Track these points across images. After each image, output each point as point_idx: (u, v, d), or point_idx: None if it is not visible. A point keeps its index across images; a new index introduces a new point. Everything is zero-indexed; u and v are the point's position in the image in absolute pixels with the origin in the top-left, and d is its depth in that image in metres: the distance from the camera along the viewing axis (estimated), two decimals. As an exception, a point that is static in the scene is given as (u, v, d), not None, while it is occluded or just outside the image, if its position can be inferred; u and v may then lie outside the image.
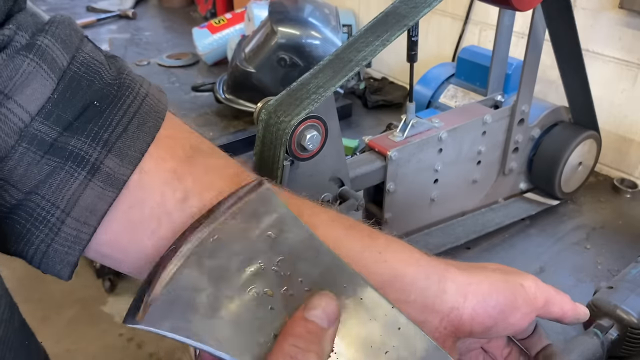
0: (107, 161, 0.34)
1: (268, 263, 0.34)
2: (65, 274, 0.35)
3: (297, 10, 1.19)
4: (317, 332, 0.32)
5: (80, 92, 0.34)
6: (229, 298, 0.32)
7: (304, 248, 0.35)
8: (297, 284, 0.34)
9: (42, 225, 0.33)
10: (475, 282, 0.42)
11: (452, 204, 0.87)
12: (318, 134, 0.60)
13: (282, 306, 0.33)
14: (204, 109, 1.27)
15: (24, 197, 0.33)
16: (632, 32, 0.97)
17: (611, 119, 1.03)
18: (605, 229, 0.89)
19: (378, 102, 1.31)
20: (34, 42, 0.33)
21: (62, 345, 1.94)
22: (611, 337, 0.62)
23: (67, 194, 0.33)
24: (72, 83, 0.34)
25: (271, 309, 0.33)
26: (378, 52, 0.61)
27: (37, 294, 2.10)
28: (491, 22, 1.19)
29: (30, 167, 0.32)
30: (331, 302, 0.33)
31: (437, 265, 0.43)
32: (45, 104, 0.32)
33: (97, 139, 0.34)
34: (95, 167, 0.34)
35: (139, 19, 1.95)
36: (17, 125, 0.31)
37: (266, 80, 1.16)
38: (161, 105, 0.38)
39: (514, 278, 0.43)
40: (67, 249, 0.34)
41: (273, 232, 0.35)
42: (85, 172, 0.33)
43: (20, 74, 0.31)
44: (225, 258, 0.33)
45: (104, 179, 0.34)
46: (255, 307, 0.32)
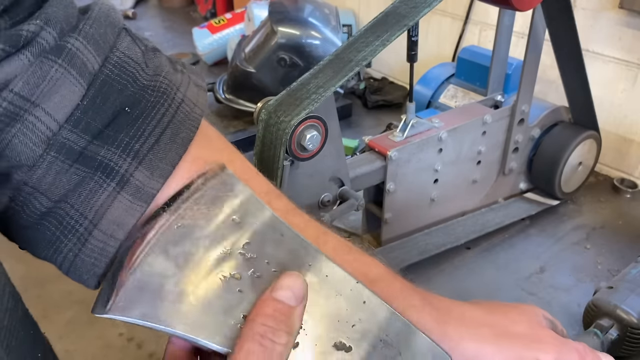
0: (137, 174, 0.33)
1: (234, 247, 0.34)
2: (91, 284, 0.35)
3: (297, 10, 1.19)
4: (286, 310, 0.32)
5: (111, 98, 0.33)
6: (196, 283, 0.32)
7: (269, 230, 0.35)
8: (264, 266, 0.34)
9: (71, 234, 0.33)
10: (485, 356, 0.39)
11: (452, 204, 0.87)
12: (318, 134, 0.60)
13: (250, 288, 0.33)
14: (204, 109, 1.27)
15: (54, 205, 0.32)
16: (632, 32, 0.97)
17: (611, 119, 1.03)
18: (605, 229, 0.89)
19: (378, 102, 1.31)
20: (63, 44, 0.31)
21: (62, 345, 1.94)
22: (611, 337, 0.62)
23: (95, 204, 0.33)
24: (104, 88, 0.32)
25: (239, 291, 0.33)
26: (378, 52, 0.61)
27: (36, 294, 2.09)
28: (491, 22, 1.19)
29: (59, 176, 0.32)
30: (298, 281, 0.33)
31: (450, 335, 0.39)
32: (74, 111, 0.31)
33: (127, 149, 0.33)
34: (124, 179, 0.33)
35: (139, 19, 1.95)
36: (44, 134, 0.31)
37: (266, 80, 1.16)
38: (197, 112, 0.37)
39: (532, 353, 0.40)
40: (93, 260, 0.34)
41: (237, 217, 0.35)
42: (114, 184, 0.33)
43: (47, 81, 0.30)
44: (190, 244, 0.33)
45: (132, 192, 0.33)
46: (224, 291, 0.33)
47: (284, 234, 0.36)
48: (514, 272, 0.81)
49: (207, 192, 0.35)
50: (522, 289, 0.77)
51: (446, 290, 0.77)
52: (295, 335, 0.33)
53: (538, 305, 0.50)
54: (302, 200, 0.66)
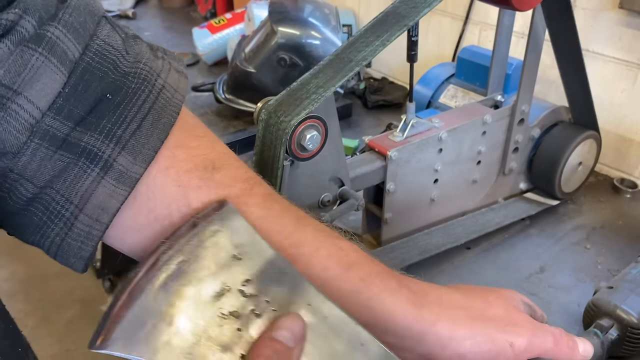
0: (120, 159, 0.34)
1: (234, 283, 0.34)
2: (79, 267, 0.36)
3: (297, 10, 1.19)
4: (284, 351, 0.32)
5: (93, 85, 0.33)
6: (195, 319, 0.32)
7: (270, 268, 0.35)
8: (264, 304, 0.34)
9: (57, 219, 0.34)
10: (459, 338, 0.41)
11: (452, 204, 0.87)
12: (318, 134, 0.60)
13: (250, 327, 0.33)
14: (204, 109, 1.27)
15: (40, 191, 0.33)
16: (632, 32, 0.97)
17: (611, 119, 1.03)
18: (605, 229, 0.89)
19: (378, 102, 1.31)
20: (44, 33, 0.32)
21: (62, 345, 1.94)
22: (611, 337, 0.62)
23: (80, 190, 0.33)
24: (85, 75, 0.33)
25: (238, 329, 0.33)
26: (378, 52, 0.61)
27: (37, 294, 2.10)
28: (491, 22, 1.19)
29: (43, 162, 0.32)
30: (297, 322, 0.34)
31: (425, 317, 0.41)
32: (56, 98, 0.32)
33: (110, 135, 0.33)
34: (108, 164, 0.34)
35: (139, 19, 1.95)
36: (28, 122, 0.31)
37: (266, 80, 1.16)
38: (177, 97, 0.38)
39: (506, 335, 0.41)
40: (80, 244, 0.35)
41: (238, 253, 0.35)
42: (98, 169, 0.33)
43: (29, 70, 0.31)
44: (189, 279, 0.33)
45: (116, 177, 0.34)
46: (223, 329, 0.33)
47: (284, 272, 0.36)
48: (514, 272, 0.81)
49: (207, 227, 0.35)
50: (522, 289, 0.77)
51: (446, 290, 0.77)
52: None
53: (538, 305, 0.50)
54: (302, 200, 0.66)
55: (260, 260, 0.35)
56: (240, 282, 0.34)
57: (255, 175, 0.41)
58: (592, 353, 0.47)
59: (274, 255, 0.36)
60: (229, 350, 0.32)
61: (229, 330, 0.33)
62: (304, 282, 0.36)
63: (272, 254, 0.36)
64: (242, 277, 0.34)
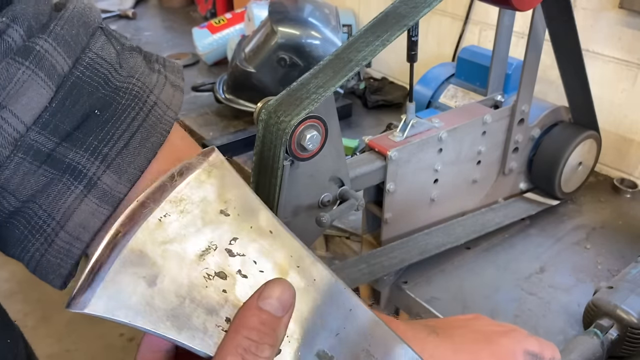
0: (104, 177, 0.33)
1: (221, 241, 0.32)
2: (57, 283, 0.35)
3: (297, 10, 1.19)
4: (272, 322, 0.31)
5: (81, 100, 0.33)
6: (179, 279, 0.31)
7: (258, 227, 0.34)
8: (251, 265, 0.33)
9: (39, 234, 0.33)
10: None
11: (452, 204, 0.87)
12: (318, 134, 0.60)
13: (236, 289, 0.32)
14: (204, 109, 1.27)
15: (22, 205, 0.33)
16: (632, 32, 0.97)
17: (611, 119, 1.03)
18: (605, 229, 0.89)
19: (378, 102, 1.31)
20: (32, 46, 0.31)
21: (62, 345, 1.94)
22: (611, 337, 0.62)
23: (63, 206, 0.33)
24: (73, 90, 0.32)
25: (224, 291, 0.32)
26: (378, 52, 0.61)
27: (36, 294, 2.10)
28: (491, 22, 1.19)
29: (26, 177, 0.32)
30: (286, 290, 0.32)
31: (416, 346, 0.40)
32: (42, 113, 0.31)
33: (96, 153, 0.33)
34: (92, 182, 0.33)
35: (139, 19, 1.95)
36: (11, 136, 0.31)
37: (266, 80, 1.16)
38: (169, 115, 0.37)
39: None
40: (59, 260, 0.34)
41: (226, 208, 0.33)
42: (82, 187, 0.33)
43: (14, 83, 0.30)
44: (174, 234, 0.31)
45: (99, 196, 0.33)
46: (207, 289, 0.31)
47: (273, 231, 0.34)
48: (514, 272, 0.81)
49: (194, 178, 0.33)
50: (522, 289, 0.77)
51: (446, 290, 0.77)
52: (279, 345, 0.32)
53: (538, 305, 0.50)
54: (302, 200, 0.66)
55: (249, 218, 0.33)
56: (228, 240, 0.32)
57: None
58: None
59: (264, 213, 0.34)
60: (214, 313, 0.31)
61: (214, 292, 0.31)
62: (294, 242, 0.34)
63: (262, 211, 0.34)
64: (230, 235, 0.32)
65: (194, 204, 0.32)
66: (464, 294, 0.77)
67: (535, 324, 0.71)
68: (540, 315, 0.73)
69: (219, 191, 0.33)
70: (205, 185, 0.33)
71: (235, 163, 1.08)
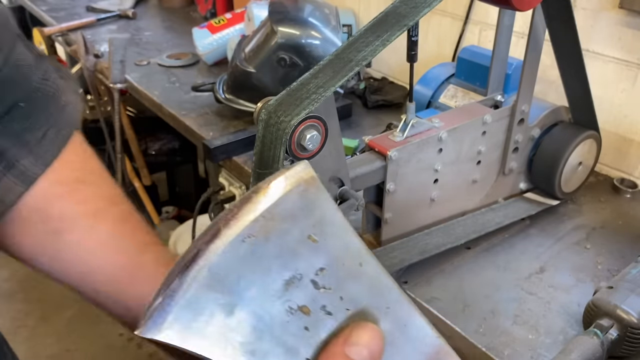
0: (23, 160, 0.39)
1: (307, 271, 0.29)
2: None
3: (297, 10, 1.19)
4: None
5: (9, 93, 0.39)
6: (258, 310, 0.28)
7: (348, 258, 0.30)
8: (337, 302, 0.29)
9: None
10: None
11: (452, 204, 0.87)
12: (318, 134, 0.60)
13: (319, 328, 0.29)
14: (204, 109, 1.27)
15: None
16: (632, 32, 0.97)
17: (611, 119, 1.03)
18: (605, 229, 0.89)
19: (378, 102, 1.31)
20: None
21: (62, 345, 1.94)
22: (611, 337, 0.62)
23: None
24: (3, 85, 0.38)
25: (306, 328, 0.28)
26: (378, 52, 0.61)
27: (36, 294, 2.10)
28: (491, 22, 1.19)
29: None
30: (376, 338, 0.29)
31: None
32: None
33: (18, 139, 0.39)
34: (11, 163, 0.39)
35: (139, 19, 1.95)
36: None
37: (266, 80, 1.16)
38: (76, 115, 0.44)
39: None
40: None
41: (314, 233, 0.29)
42: (1, 167, 0.38)
43: None
44: (255, 262, 0.28)
45: (17, 175, 0.39)
46: (289, 325, 0.28)
47: (363, 264, 0.30)
48: (514, 272, 0.81)
49: (281, 195, 0.29)
50: (522, 289, 0.77)
51: (446, 290, 0.77)
52: None
53: (538, 305, 0.50)
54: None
55: (340, 246, 0.30)
56: (314, 270, 0.29)
57: (118, 194, 0.47)
58: None
59: (356, 243, 0.30)
60: (294, 353, 0.28)
61: (295, 329, 0.28)
62: (386, 280, 0.31)
63: (353, 239, 0.30)
64: (317, 264, 0.29)
65: (282, 226, 0.29)
66: (464, 294, 0.77)
67: (535, 324, 0.72)
68: (540, 315, 0.73)
69: (308, 212, 0.29)
70: (294, 204, 0.29)
71: (235, 163, 1.08)
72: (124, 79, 1.47)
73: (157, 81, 1.41)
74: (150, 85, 1.38)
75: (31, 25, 2.32)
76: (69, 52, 1.73)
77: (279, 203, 0.28)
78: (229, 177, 1.12)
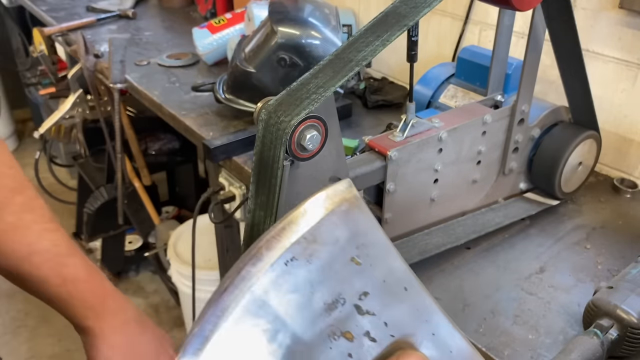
0: None
1: (350, 296, 0.28)
2: None
3: (297, 10, 1.19)
4: None
5: None
6: (300, 337, 0.26)
7: (393, 280, 0.29)
8: (381, 328, 0.28)
9: None
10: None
11: (452, 204, 0.87)
12: (318, 134, 0.60)
13: (363, 354, 0.28)
14: (204, 109, 1.27)
15: None
16: (632, 32, 0.97)
17: (611, 119, 1.03)
18: (605, 229, 0.89)
19: (378, 102, 1.31)
20: None
21: (62, 345, 1.94)
22: (611, 337, 0.62)
23: None
24: None
25: (349, 355, 0.27)
26: (378, 52, 0.61)
27: (37, 294, 2.10)
28: (491, 22, 1.19)
29: None
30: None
31: None
32: None
33: None
34: None
35: (139, 19, 1.95)
36: None
37: (266, 80, 1.16)
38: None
39: None
40: None
41: (357, 256, 0.28)
42: None
43: None
44: (298, 285, 0.27)
45: None
46: (331, 352, 0.27)
47: (408, 288, 0.29)
48: (514, 272, 0.81)
49: (325, 217, 0.28)
50: (522, 289, 0.77)
51: (446, 290, 0.77)
52: None
53: (538, 305, 0.50)
54: (302, 200, 0.66)
55: (384, 270, 0.29)
56: (358, 294, 0.28)
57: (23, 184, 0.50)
58: None
59: (399, 266, 0.30)
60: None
61: (338, 355, 0.27)
62: (431, 305, 0.30)
63: (397, 262, 0.30)
64: (360, 288, 0.28)
65: (324, 247, 0.28)
66: (464, 294, 0.77)
67: (535, 324, 0.71)
68: (540, 315, 0.73)
69: (351, 234, 0.29)
70: (337, 226, 0.28)
71: (235, 163, 1.08)
72: (124, 79, 1.47)
73: (157, 81, 1.41)
74: (150, 85, 1.38)
75: (31, 25, 2.32)
76: (69, 52, 1.73)
77: (321, 224, 0.27)
78: (229, 177, 1.12)
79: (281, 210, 0.61)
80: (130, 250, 2.18)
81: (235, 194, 1.10)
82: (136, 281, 2.24)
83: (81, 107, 1.77)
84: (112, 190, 1.87)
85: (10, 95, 2.97)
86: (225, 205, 1.13)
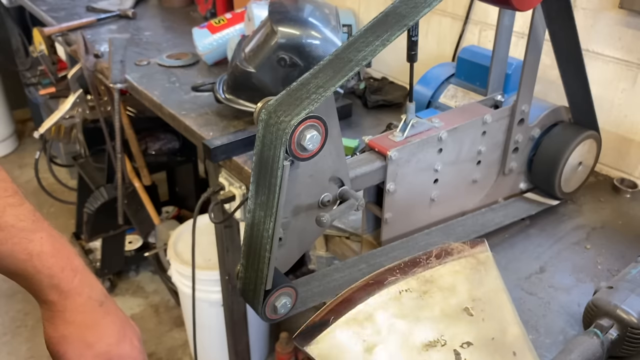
0: None
1: (452, 341, 0.28)
2: None
3: (297, 10, 1.19)
4: None
5: None
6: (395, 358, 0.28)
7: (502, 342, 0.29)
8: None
9: None
10: None
11: (452, 204, 0.87)
12: (318, 134, 0.60)
13: None
14: (204, 109, 1.27)
15: None
16: (632, 32, 0.97)
17: (611, 119, 1.03)
18: (605, 229, 0.89)
19: (378, 102, 1.31)
20: None
21: (62, 345, 1.94)
22: (611, 337, 0.62)
23: None
24: None
25: None
26: (378, 52, 0.61)
27: (37, 294, 2.09)
28: (491, 22, 1.19)
29: None
30: None
31: None
32: None
33: None
34: None
35: (139, 19, 1.95)
36: None
37: (266, 80, 1.16)
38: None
39: None
40: None
41: (472, 307, 0.29)
42: None
43: None
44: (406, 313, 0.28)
45: None
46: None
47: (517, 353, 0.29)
48: (514, 272, 0.81)
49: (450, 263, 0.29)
50: (522, 289, 0.77)
51: (446, 290, 0.77)
52: None
53: (538, 305, 0.50)
54: (302, 200, 0.66)
55: (495, 327, 0.29)
56: (460, 341, 0.28)
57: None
58: None
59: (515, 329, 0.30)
60: None
61: None
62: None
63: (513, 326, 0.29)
64: (465, 337, 0.29)
65: (441, 290, 0.29)
66: (464, 294, 0.77)
67: (535, 324, 0.71)
68: (540, 315, 0.73)
69: (472, 287, 0.30)
70: (460, 275, 0.30)
71: (235, 163, 1.08)
72: (124, 79, 1.47)
73: (157, 81, 1.41)
74: (150, 85, 1.38)
75: (31, 25, 2.32)
76: (69, 52, 1.73)
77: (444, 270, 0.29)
78: (229, 177, 1.12)
79: (281, 210, 0.61)
80: (130, 250, 2.19)
81: (235, 194, 1.10)
82: (136, 281, 2.24)
83: (81, 107, 1.77)
84: (112, 190, 1.87)
85: (10, 95, 2.98)
86: (225, 205, 1.13)
